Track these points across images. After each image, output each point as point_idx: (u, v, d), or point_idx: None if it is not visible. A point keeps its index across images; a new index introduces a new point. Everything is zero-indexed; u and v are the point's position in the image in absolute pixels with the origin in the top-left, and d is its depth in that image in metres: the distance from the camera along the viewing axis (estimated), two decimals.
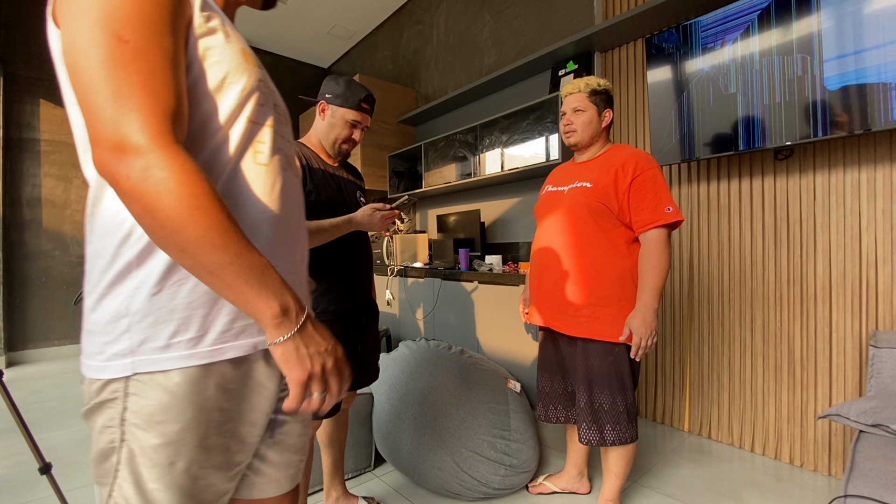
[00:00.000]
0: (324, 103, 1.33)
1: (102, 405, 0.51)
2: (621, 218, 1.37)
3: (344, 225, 1.27)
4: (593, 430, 1.39)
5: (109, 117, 0.44)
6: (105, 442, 0.52)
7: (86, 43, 0.44)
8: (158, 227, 0.45)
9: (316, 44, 4.76)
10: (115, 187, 0.45)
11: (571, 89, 1.45)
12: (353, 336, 1.35)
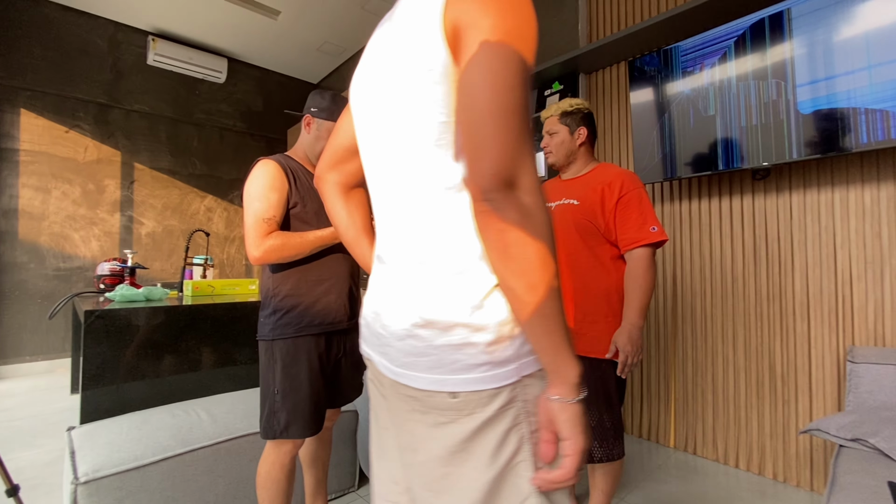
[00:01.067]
0: (309, 117, 1.34)
1: (502, 411, 0.54)
2: (607, 236, 1.39)
3: (329, 236, 1.27)
4: None
5: (511, 157, 0.49)
6: (514, 442, 0.54)
7: (507, 85, 0.49)
8: (518, 260, 0.50)
9: (305, 60, 4.80)
10: (491, 214, 0.50)
11: (545, 114, 1.52)
12: (337, 351, 1.34)
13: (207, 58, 4.40)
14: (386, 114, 0.62)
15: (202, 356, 1.94)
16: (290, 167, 1.29)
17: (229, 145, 4.78)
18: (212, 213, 4.66)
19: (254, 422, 1.55)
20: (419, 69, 0.55)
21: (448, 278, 0.57)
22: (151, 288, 2.14)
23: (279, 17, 3.92)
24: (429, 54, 0.54)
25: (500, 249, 0.51)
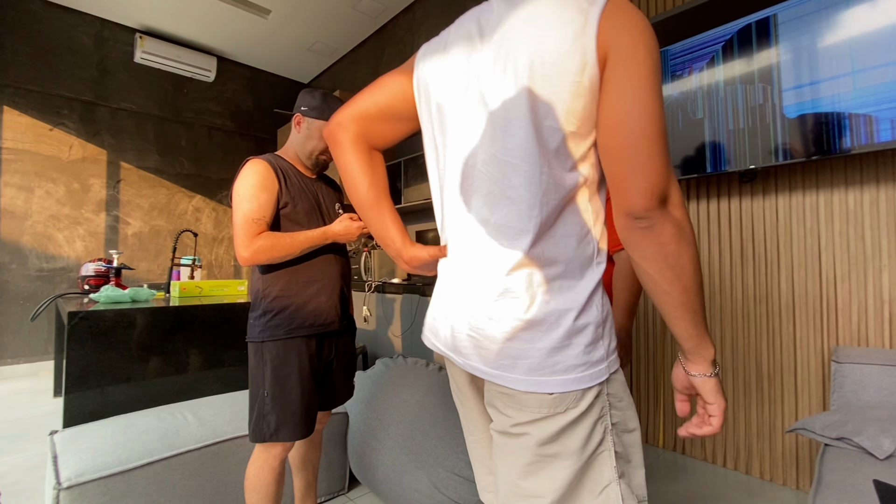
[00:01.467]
0: (300, 116, 1.33)
1: (591, 407, 0.60)
2: None
3: (319, 237, 1.26)
4: None
5: (664, 176, 0.55)
6: (599, 434, 0.61)
7: (658, 113, 0.55)
8: (676, 269, 0.57)
9: (296, 59, 4.77)
10: (650, 230, 0.56)
11: None
12: (328, 353, 1.33)
13: (196, 56, 4.35)
14: (499, 110, 0.62)
15: (189, 358, 1.91)
16: (280, 167, 1.28)
17: (218, 145, 4.73)
18: (200, 214, 4.60)
19: (242, 424, 1.53)
20: (564, 80, 0.57)
21: (550, 283, 0.60)
22: (137, 289, 2.11)
23: (270, 16, 3.89)
24: (579, 68, 0.56)
25: (660, 261, 0.57)
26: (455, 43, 0.69)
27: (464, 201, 0.67)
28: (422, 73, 0.73)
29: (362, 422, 1.75)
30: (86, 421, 1.58)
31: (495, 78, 0.62)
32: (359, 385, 1.92)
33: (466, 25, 0.69)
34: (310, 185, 1.34)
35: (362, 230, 1.30)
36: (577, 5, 0.57)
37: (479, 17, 0.68)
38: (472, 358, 0.65)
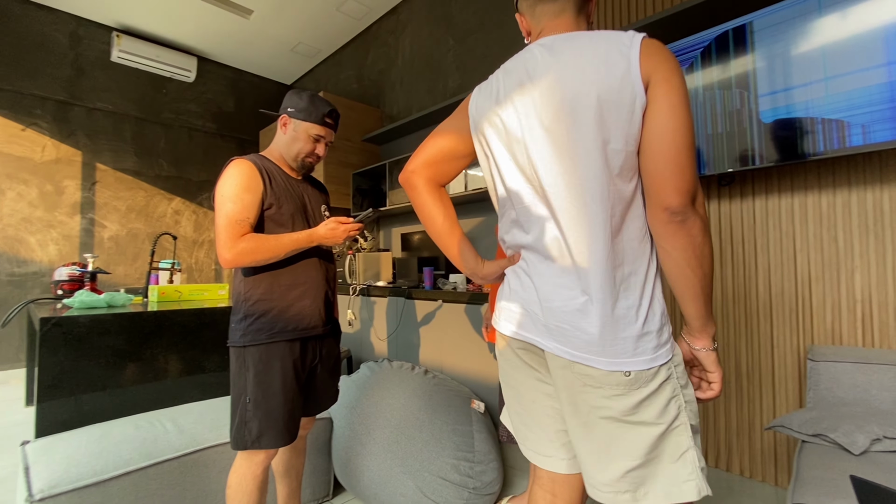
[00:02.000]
0: (286, 117, 1.31)
1: (663, 384, 0.73)
2: None
3: (304, 239, 1.24)
4: None
5: (695, 179, 0.70)
6: (674, 410, 0.73)
7: (692, 127, 0.70)
8: (701, 258, 0.72)
9: (279, 60, 4.72)
10: (683, 225, 0.70)
11: None
12: (312, 357, 1.31)
13: (176, 56, 4.27)
14: (568, 141, 0.75)
15: (168, 364, 1.86)
16: (265, 167, 1.26)
17: (199, 146, 4.64)
18: (179, 216, 4.50)
19: (223, 432, 1.49)
20: (622, 111, 0.71)
21: (625, 281, 0.74)
22: (114, 294, 2.05)
23: (252, 16, 3.85)
24: (631, 100, 0.71)
25: (690, 251, 0.71)
26: (508, 88, 0.83)
27: (546, 218, 0.80)
28: (479, 116, 0.88)
29: (347, 427, 1.73)
30: (59, 430, 1.53)
31: (560, 115, 0.75)
32: (343, 390, 1.90)
33: (517, 74, 0.82)
34: (295, 187, 1.32)
35: (348, 233, 1.28)
36: (618, 49, 0.72)
37: (526, 65, 0.81)
38: (566, 344, 0.77)
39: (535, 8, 0.87)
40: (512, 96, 0.82)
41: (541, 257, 0.82)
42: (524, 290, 0.84)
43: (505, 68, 0.87)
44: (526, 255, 0.86)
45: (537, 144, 0.78)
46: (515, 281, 0.87)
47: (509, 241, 0.90)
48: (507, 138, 0.83)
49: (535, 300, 0.82)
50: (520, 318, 0.85)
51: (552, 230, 0.79)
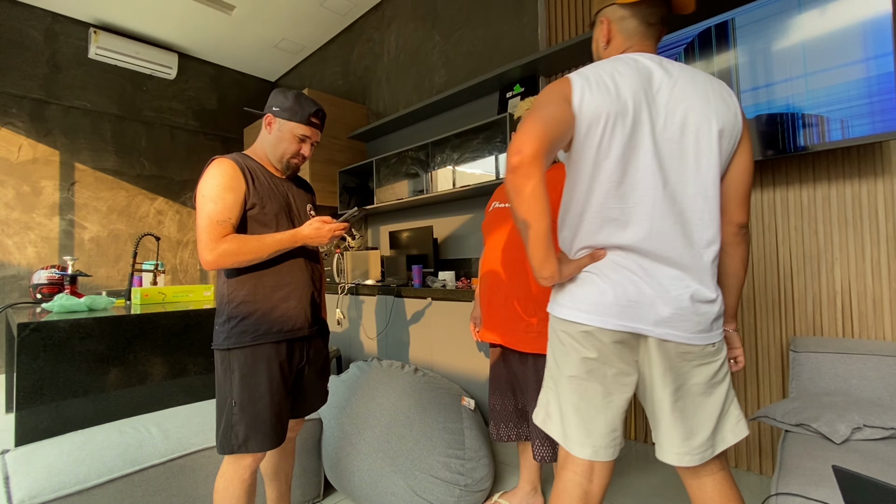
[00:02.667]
0: (270, 116, 1.28)
1: (722, 349, 0.96)
2: None
3: (288, 239, 1.22)
4: (546, 446, 1.41)
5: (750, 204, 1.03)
6: (726, 367, 0.96)
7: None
8: (746, 262, 1.05)
9: (262, 57, 4.64)
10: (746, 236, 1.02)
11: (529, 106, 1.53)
12: (299, 359, 1.29)
13: (156, 52, 4.17)
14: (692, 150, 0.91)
15: (152, 368, 1.83)
16: (248, 166, 1.24)
17: (181, 144, 4.56)
18: (163, 216, 4.42)
19: (210, 436, 1.47)
20: (734, 139, 0.94)
21: (712, 272, 0.94)
22: (95, 297, 2.00)
23: (233, 12, 3.78)
24: (738, 135, 0.95)
25: (745, 257, 1.01)
26: (630, 91, 0.90)
27: (664, 217, 0.90)
28: (594, 109, 0.89)
29: (337, 427, 1.72)
30: (40, 438, 1.49)
31: (686, 130, 0.91)
32: (333, 390, 1.89)
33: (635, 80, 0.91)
34: (280, 186, 1.30)
35: (333, 233, 1.26)
36: (728, 93, 0.96)
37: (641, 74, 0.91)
38: (679, 329, 0.90)
39: (630, 26, 0.97)
40: (637, 100, 0.90)
41: (650, 253, 0.91)
42: (630, 283, 0.90)
43: (614, 69, 0.91)
44: (626, 252, 0.92)
45: (668, 150, 0.90)
46: (612, 276, 0.91)
47: (601, 240, 0.93)
48: (633, 139, 0.89)
49: (647, 293, 0.90)
50: (622, 311, 0.90)
51: (671, 227, 0.90)
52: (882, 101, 1.46)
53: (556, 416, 0.99)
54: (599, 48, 1.05)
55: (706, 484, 0.98)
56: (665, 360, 0.92)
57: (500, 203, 1.58)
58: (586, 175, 0.93)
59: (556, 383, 0.99)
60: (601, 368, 0.93)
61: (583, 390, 0.94)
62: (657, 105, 0.91)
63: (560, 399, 0.97)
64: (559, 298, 0.98)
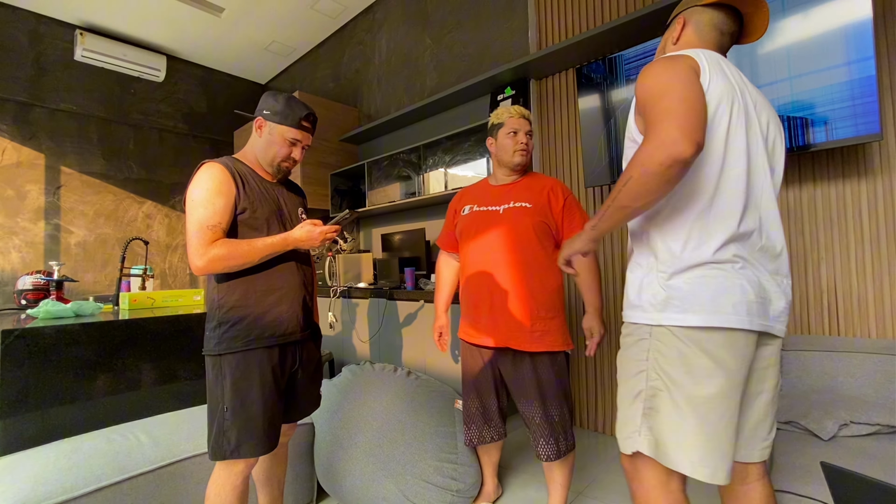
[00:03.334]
0: (261, 119, 1.27)
1: None
2: (556, 236, 1.49)
3: (279, 243, 1.21)
4: (548, 443, 1.42)
5: None
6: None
7: None
8: None
9: (252, 59, 4.62)
10: None
11: (524, 113, 1.53)
12: (291, 363, 1.28)
13: (144, 55, 4.13)
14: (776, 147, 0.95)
15: (141, 374, 1.80)
16: (238, 171, 1.23)
17: (170, 147, 4.51)
18: (151, 220, 4.37)
19: (201, 442, 1.45)
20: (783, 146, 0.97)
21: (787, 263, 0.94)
22: (82, 302, 1.97)
23: (223, 14, 3.76)
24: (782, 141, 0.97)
25: None
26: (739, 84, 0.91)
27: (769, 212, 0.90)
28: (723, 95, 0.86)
29: (329, 432, 1.71)
30: (26, 447, 1.46)
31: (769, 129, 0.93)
32: (325, 394, 1.88)
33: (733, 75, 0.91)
34: (270, 190, 1.29)
35: (325, 235, 1.25)
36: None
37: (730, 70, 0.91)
38: (783, 323, 0.89)
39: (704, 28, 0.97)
40: (745, 94, 0.91)
41: (763, 245, 0.88)
42: (755, 278, 0.86)
43: (714, 59, 0.90)
44: (742, 244, 0.86)
45: (772, 145, 0.93)
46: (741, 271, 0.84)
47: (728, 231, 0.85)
48: (754, 131, 0.89)
49: (768, 287, 0.87)
50: (760, 308, 0.85)
51: (775, 218, 0.91)
52: (864, 103, 1.49)
53: (679, 442, 0.82)
54: (668, 44, 1.03)
55: (755, 490, 0.94)
56: (770, 357, 0.91)
57: (480, 206, 1.55)
58: (717, 157, 0.85)
59: (682, 405, 0.82)
60: (740, 378, 0.84)
61: (724, 409, 0.82)
62: (756, 104, 0.93)
63: (689, 422, 0.82)
64: (680, 303, 0.83)
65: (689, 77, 0.81)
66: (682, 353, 0.83)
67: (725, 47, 0.99)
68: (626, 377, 0.94)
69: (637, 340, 0.91)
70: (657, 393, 0.85)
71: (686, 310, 0.82)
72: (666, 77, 0.82)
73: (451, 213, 1.67)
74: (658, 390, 0.85)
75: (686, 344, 0.82)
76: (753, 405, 0.91)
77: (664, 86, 0.81)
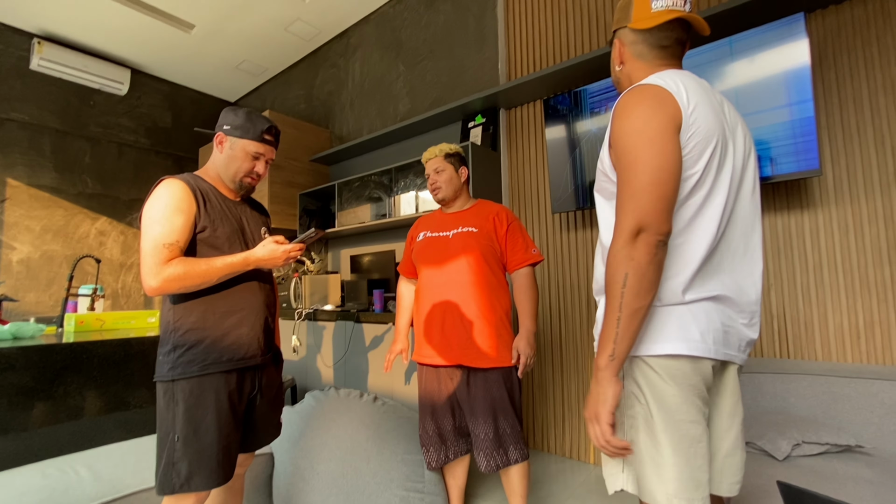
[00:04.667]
0: (221, 135, 1.24)
1: None
2: (501, 258, 1.59)
3: (240, 263, 1.16)
4: (499, 454, 1.48)
5: None
6: None
7: None
8: None
9: (222, 77, 4.56)
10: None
11: (429, 155, 1.68)
12: (250, 388, 1.22)
13: (107, 67, 4.01)
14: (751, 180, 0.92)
15: (86, 402, 1.68)
16: (199, 188, 1.19)
17: (129, 162, 4.34)
18: (105, 237, 4.15)
19: (149, 476, 1.36)
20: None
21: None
22: (21, 324, 1.83)
23: (193, 31, 3.71)
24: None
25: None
26: (719, 110, 0.87)
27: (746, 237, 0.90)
28: (708, 126, 0.83)
29: (289, 462, 1.63)
30: None
31: (747, 160, 0.90)
32: (286, 421, 1.80)
33: (712, 98, 0.87)
34: (232, 209, 1.26)
35: (289, 255, 1.22)
36: None
37: (709, 93, 0.88)
38: (746, 353, 0.90)
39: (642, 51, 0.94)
40: (722, 117, 0.86)
41: (730, 277, 0.88)
42: (716, 312, 0.86)
43: (696, 91, 0.84)
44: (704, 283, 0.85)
45: (747, 173, 0.90)
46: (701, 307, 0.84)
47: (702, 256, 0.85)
48: (730, 157, 0.86)
49: (734, 317, 0.88)
50: (724, 338, 0.86)
51: (742, 254, 0.89)
52: (805, 141, 1.62)
53: (656, 474, 0.81)
54: (615, 71, 1.02)
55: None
56: (732, 385, 0.91)
57: (431, 232, 1.67)
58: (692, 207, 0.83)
59: (658, 435, 0.82)
60: (705, 405, 0.85)
61: (696, 435, 0.82)
62: (735, 130, 0.89)
63: (665, 452, 0.81)
64: (657, 335, 0.84)
65: (663, 138, 0.78)
66: (652, 383, 0.83)
67: (678, 55, 0.96)
68: None
69: None
70: (634, 423, 0.85)
71: (655, 339, 0.83)
72: (639, 132, 0.79)
73: (409, 241, 1.77)
74: (634, 419, 0.85)
75: (657, 373, 0.83)
76: (725, 437, 0.91)
77: (636, 148, 0.79)
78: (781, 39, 1.67)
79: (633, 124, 0.80)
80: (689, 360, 0.82)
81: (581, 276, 2.36)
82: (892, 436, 1.41)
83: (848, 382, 1.52)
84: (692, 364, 0.82)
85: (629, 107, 0.82)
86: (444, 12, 3.10)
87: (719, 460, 0.90)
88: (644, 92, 0.83)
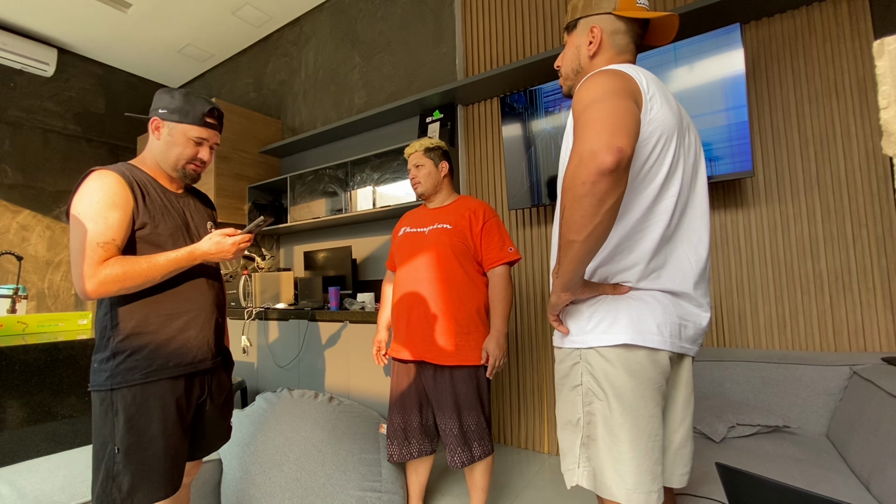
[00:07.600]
0: (157, 120, 1.13)
1: None
2: (475, 256, 1.57)
3: (185, 258, 1.08)
4: (464, 451, 1.48)
5: None
6: None
7: None
8: None
9: (163, 61, 4.27)
10: None
11: (410, 150, 1.68)
12: (199, 393, 1.15)
13: (30, 46, 3.64)
14: (702, 174, 0.94)
15: (6, 413, 1.53)
16: (136, 179, 1.09)
17: (56, 151, 3.98)
18: (28, 232, 3.79)
19: (80, 490, 1.25)
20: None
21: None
22: None
23: (130, 10, 3.45)
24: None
25: None
26: (672, 102, 0.89)
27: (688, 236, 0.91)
28: (664, 115, 0.84)
29: (239, 468, 1.56)
30: None
31: (698, 150, 0.94)
32: (236, 426, 1.72)
33: (664, 90, 0.89)
34: (174, 202, 1.17)
35: (238, 247, 1.13)
36: None
37: (661, 86, 0.89)
38: (697, 344, 0.91)
39: (622, 42, 0.93)
40: (678, 112, 0.90)
41: (681, 272, 0.89)
42: (672, 305, 0.87)
43: (655, 83, 0.87)
44: (659, 273, 0.87)
45: (698, 171, 0.92)
46: (657, 299, 0.86)
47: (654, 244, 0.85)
48: (684, 153, 0.89)
49: (686, 312, 0.88)
50: (676, 331, 0.86)
51: (693, 247, 0.90)
52: (740, 144, 1.74)
53: (614, 469, 0.82)
54: (582, 57, 0.96)
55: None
56: (686, 375, 0.93)
57: (410, 228, 1.66)
58: (652, 190, 0.85)
59: (616, 431, 0.82)
60: (660, 397, 0.86)
61: (653, 428, 0.83)
62: (683, 120, 0.92)
63: (624, 447, 0.81)
64: (610, 326, 0.84)
65: (621, 91, 0.77)
66: (609, 377, 0.83)
67: (636, 54, 0.97)
68: (563, 405, 0.92)
69: (571, 366, 0.90)
70: (592, 419, 0.85)
71: (610, 331, 0.83)
72: (597, 89, 0.77)
73: (393, 236, 1.77)
74: (592, 415, 0.85)
75: (613, 365, 0.83)
76: (678, 429, 0.92)
77: (592, 96, 0.76)
78: (720, 48, 1.77)
79: (593, 92, 0.77)
80: (646, 352, 0.83)
81: (535, 271, 2.41)
82: (814, 416, 1.55)
83: (776, 368, 1.66)
84: (649, 356, 0.83)
85: (589, 82, 0.81)
86: (402, 5, 3.05)
87: (672, 452, 0.91)
88: (606, 72, 0.82)
